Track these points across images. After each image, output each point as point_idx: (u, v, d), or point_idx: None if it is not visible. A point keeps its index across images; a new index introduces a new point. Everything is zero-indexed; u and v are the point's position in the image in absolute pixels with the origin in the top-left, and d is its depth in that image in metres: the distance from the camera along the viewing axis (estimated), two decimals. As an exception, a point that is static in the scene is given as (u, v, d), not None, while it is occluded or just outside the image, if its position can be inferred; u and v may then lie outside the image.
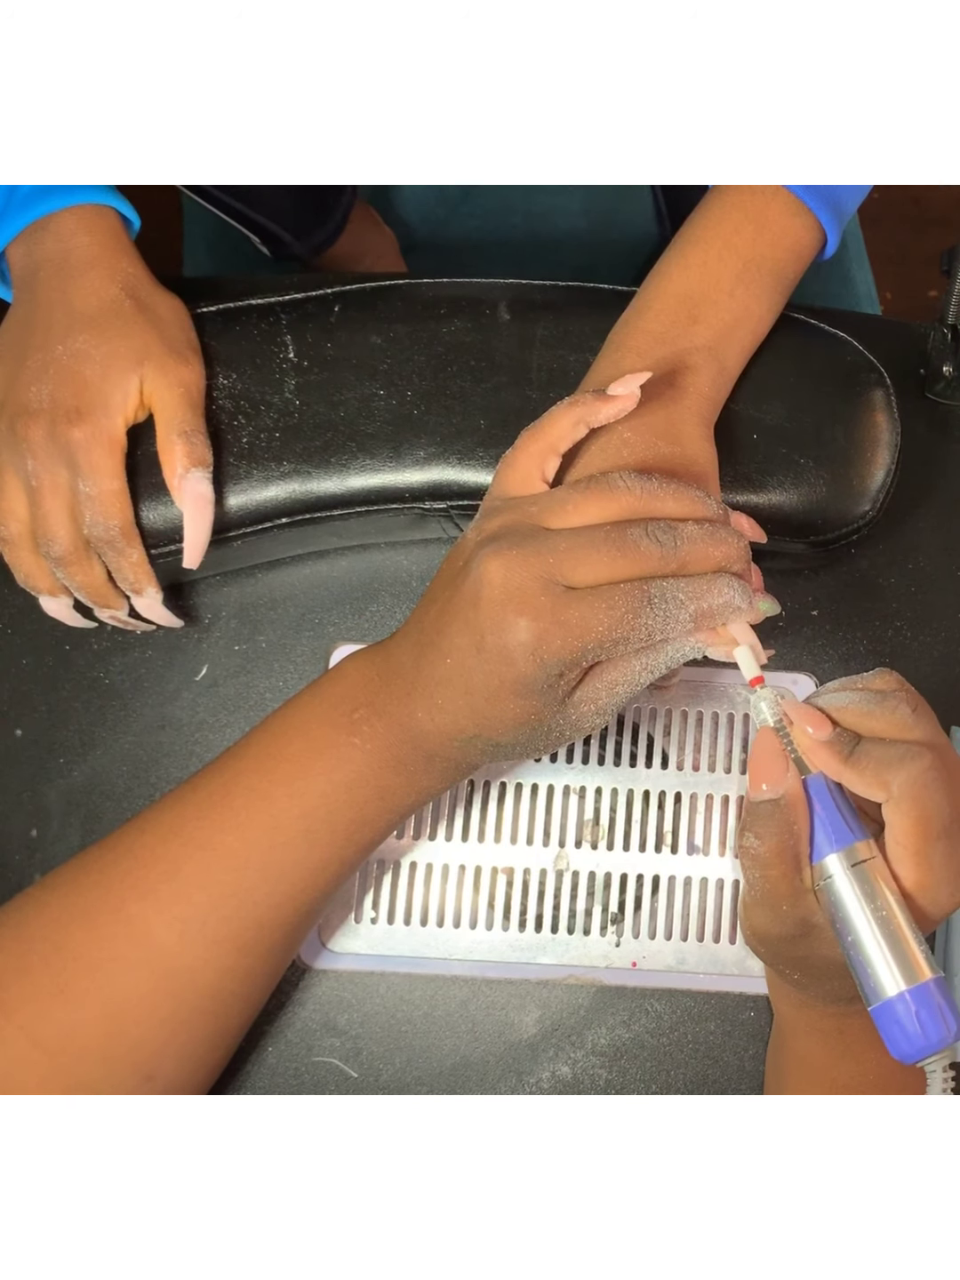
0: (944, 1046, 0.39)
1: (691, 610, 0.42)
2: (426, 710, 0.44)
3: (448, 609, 0.43)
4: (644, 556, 0.41)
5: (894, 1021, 0.40)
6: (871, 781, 0.41)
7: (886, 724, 0.42)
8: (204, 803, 0.47)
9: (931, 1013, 0.39)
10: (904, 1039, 0.39)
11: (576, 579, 0.41)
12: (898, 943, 0.40)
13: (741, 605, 0.43)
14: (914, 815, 0.40)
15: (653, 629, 0.41)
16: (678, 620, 0.42)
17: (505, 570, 0.41)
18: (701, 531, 0.43)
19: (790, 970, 0.45)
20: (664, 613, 0.41)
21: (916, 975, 0.40)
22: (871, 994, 0.40)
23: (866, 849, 0.41)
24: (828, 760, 0.42)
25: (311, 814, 0.46)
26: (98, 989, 0.45)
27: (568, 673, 0.42)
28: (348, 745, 0.46)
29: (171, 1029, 0.46)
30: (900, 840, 0.41)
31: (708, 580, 0.42)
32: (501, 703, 0.42)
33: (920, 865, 0.41)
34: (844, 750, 0.42)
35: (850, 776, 0.42)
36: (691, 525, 0.43)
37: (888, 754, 0.41)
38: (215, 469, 0.52)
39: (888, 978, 0.40)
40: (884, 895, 0.41)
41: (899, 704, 0.42)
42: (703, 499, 0.44)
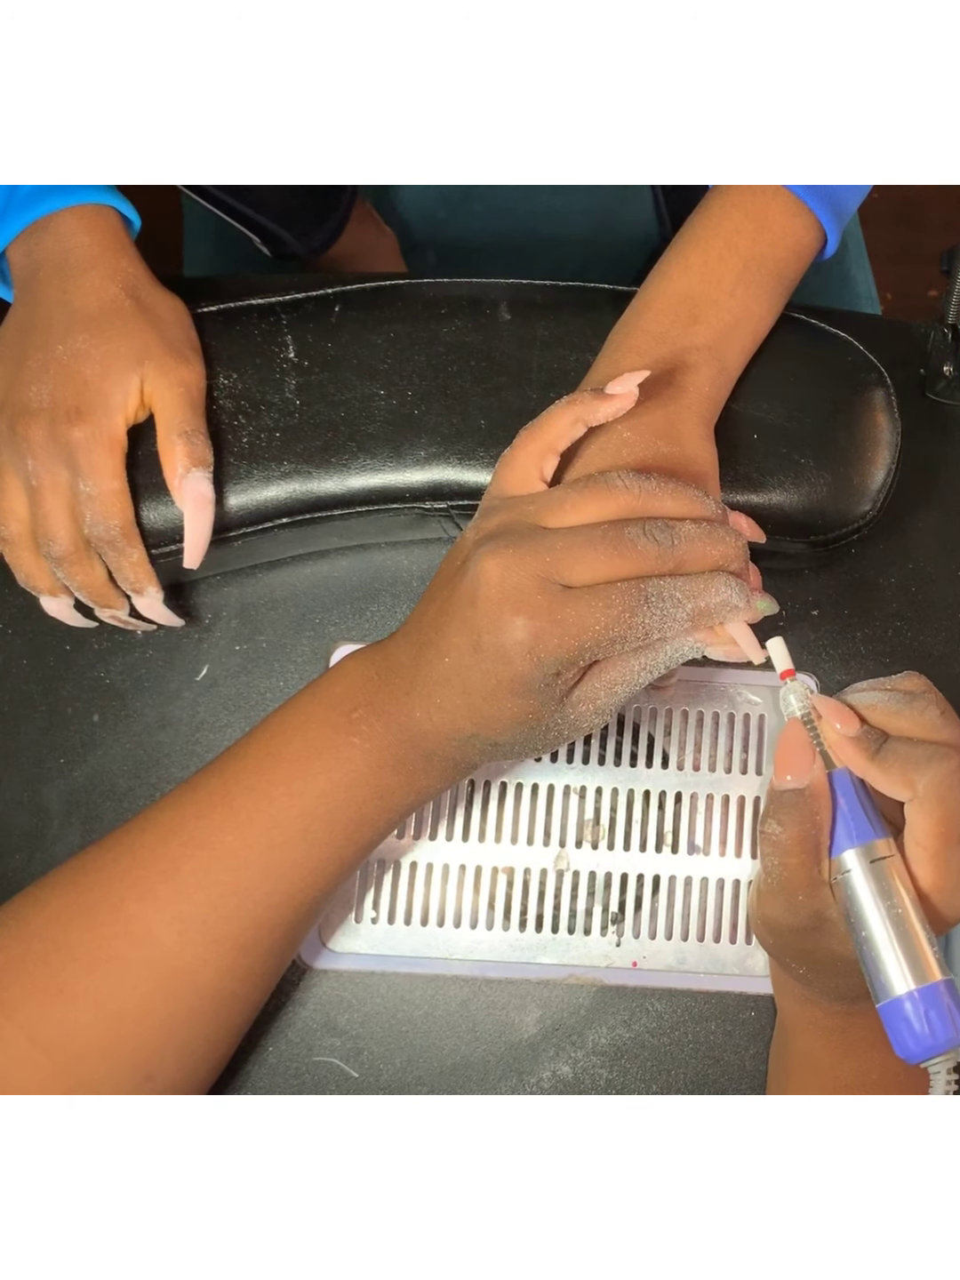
0: (950, 1048, 0.39)
1: (689, 609, 0.42)
2: (425, 709, 0.44)
3: (446, 608, 0.43)
4: (641, 555, 0.41)
5: (901, 1020, 0.40)
6: (897, 779, 0.41)
7: (914, 724, 0.42)
8: (203, 802, 0.47)
9: (940, 1013, 0.39)
10: (911, 1038, 0.39)
11: (574, 578, 0.41)
12: (910, 942, 0.40)
13: (739, 604, 0.43)
14: (937, 815, 0.40)
15: (650, 628, 0.41)
16: (675, 619, 0.42)
17: (503, 569, 0.41)
18: (699, 530, 0.43)
19: (797, 964, 0.45)
20: (661, 611, 0.41)
21: (927, 975, 0.40)
22: (881, 991, 0.40)
23: (886, 847, 0.42)
24: (854, 756, 0.42)
25: (310, 813, 0.46)
26: (97, 988, 0.45)
27: (565, 672, 0.42)
28: (347, 745, 0.46)
29: (171, 1028, 0.46)
30: (920, 840, 0.41)
31: (705, 579, 0.42)
32: (499, 702, 0.42)
33: (938, 867, 0.41)
34: (871, 747, 0.42)
35: (875, 773, 0.42)
36: (689, 524, 0.43)
37: (915, 753, 0.41)
38: (216, 469, 0.52)
39: (898, 976, 0.40)
40: (899, 894, 0.41)
41: (928, 705, 0.43)
42: (701, 498, 0.44)
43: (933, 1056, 0.39)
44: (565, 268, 0.93)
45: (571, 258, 0.93)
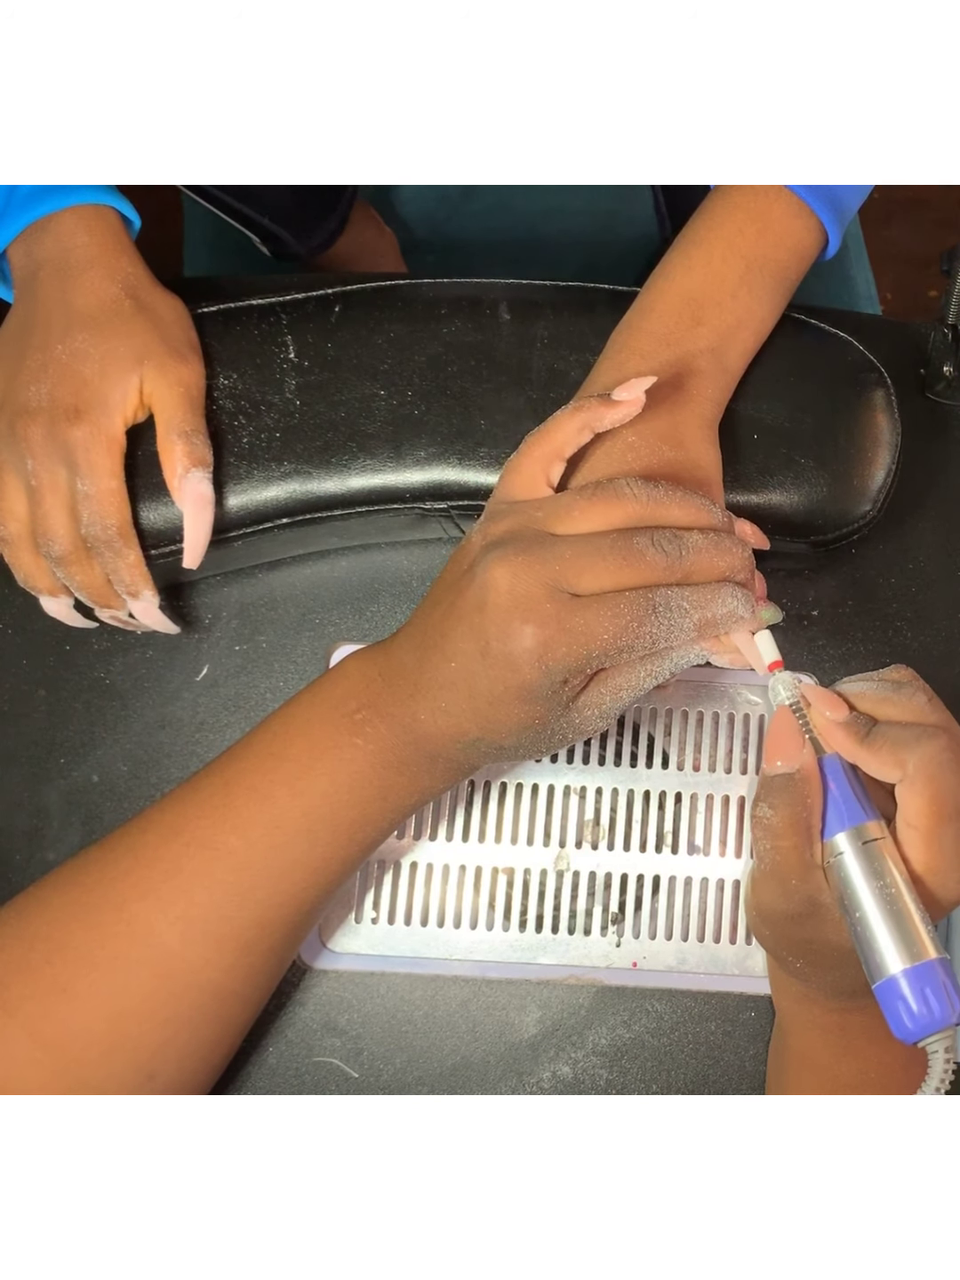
0: (946, 1025, 0.39)
1: (695, 619, 0.42)
2: (430, 712, 0.44)
3: (452, 613, 0.43)
4: (650, 566, 0.42)
5: (897, 998, 0.40)
6: (887, 759, 0.42)
7: (902, 710, 0.43)
8: (205, 802, 0.47)
9: (936, 990, 0.39)
10: (908, 1016, 0.39)
11: (582, 586, 0.41)
12: (903, 921, 0.40)
13: (744, 614, 0.43)
14: (927, 794, 0.41)
15: (657, 637, 0.42)
16: (681, 629, 0.42)
17: (512, 576, 0.41)
18: (707, 541, 0.43)
19: (794, 957, 0.45)
20: (668, 621, 0.42)
21: (921, 953, 0.40)
22: (876, 971, 0.40)
23: (877, 829, 0.42)
24: (843, 740, 0.43)
25: (313, 813, 0.46)
26: (99, 987, 0.45)
27: (572, 679, 0.42)
28: (350, 745, 0.46)
29: (174, 1028, 0.46)
30: (911, 821, 0.41)
31: (711, 590, 0.43)
32: (505, 707, 0.42)
33: (930, 847, 0.41)
34: (860, 731, 0.42)
35: (865, 756, 0.42)
36: (697, 534, 0.43)
37: (904, 735, 0.42)
38: (215, 469, 0.52)
39: (892, 955, 0.40)
40: (892, 874, 0.41)
41: (915, 692, 0.43)
42: (708, 507, 0.44)
43: (930, 1035, 0.39)
44: (565, 268, 0.93)
45: (572, 258, 0.93)
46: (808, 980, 0.47)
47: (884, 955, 0.40)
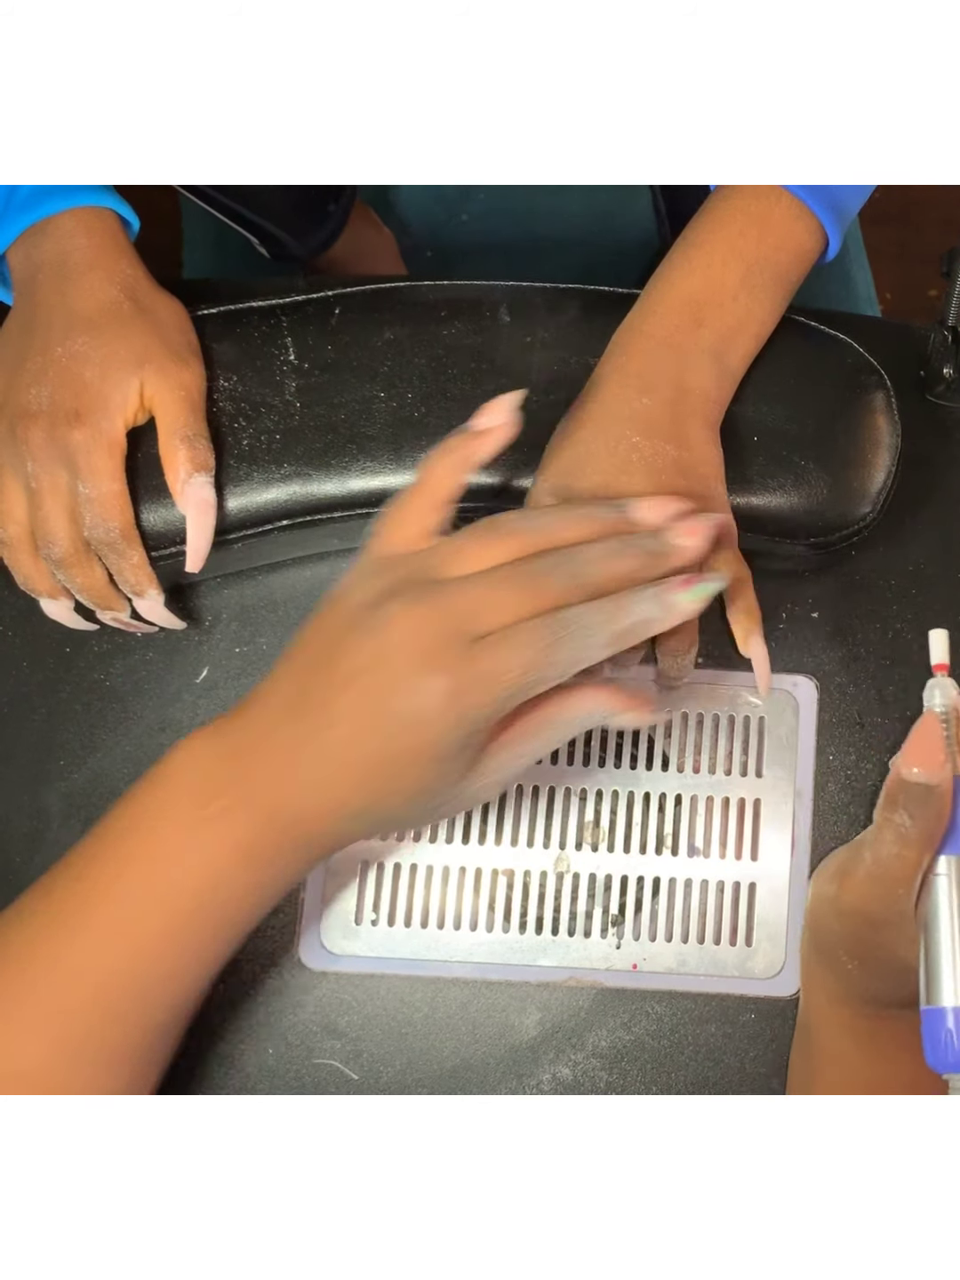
0: None
1: (604, 636, 0.40)
2: (305, 789, 0.41)
3: (335, 675, 0.41)
4: (549, 589, 0.40)
5: (942, 1028, 0.40)
6: None
7: None
8: (56, 914, 0.43)
9: None
10: (946, 1049, 0.40)
11: (485, 624, 0.40)
12: None
13: (657, 615, 0.41)
14: None
15: (569, 661, 0.40)
16: (592, 647, 0.40)
17: (413, 629, 0.40)
18: (604, 550, 0.41)
19: (850, 957, 0.45)
20: (579, 642, 0.40)
21: None
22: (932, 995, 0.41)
23: None
24: None
25: (175, 931, 0.43)
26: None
27: (482, 729, 0.40)
28: (211, 842, 0.42)
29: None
30: None
31: (614, 601, 0.41)
32: (400, 770, 0.40)
33: None
34: None
35: None
36: (595, 546, 0.42)
37: None
38: (215, 471, 0.52)
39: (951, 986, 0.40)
40: None
41: None
42: (600, 515, 0.43)
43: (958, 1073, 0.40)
44: (565, 269, 0.93)
45: (571, 259, 0.93)
46: (850, 983, 0.46)
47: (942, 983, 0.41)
